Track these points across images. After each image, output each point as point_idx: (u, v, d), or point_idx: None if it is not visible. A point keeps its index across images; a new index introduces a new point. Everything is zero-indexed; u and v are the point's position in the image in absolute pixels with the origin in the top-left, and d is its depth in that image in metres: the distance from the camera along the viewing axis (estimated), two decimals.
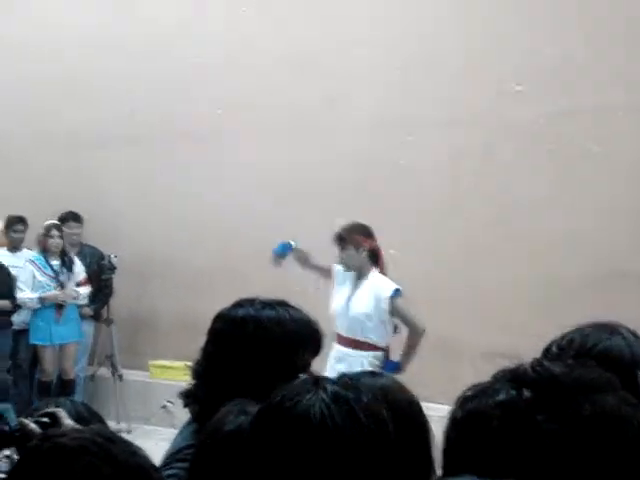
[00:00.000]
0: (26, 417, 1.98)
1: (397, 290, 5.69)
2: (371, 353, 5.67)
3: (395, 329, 5.82)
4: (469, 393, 1.15)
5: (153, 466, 1.45)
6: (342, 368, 5.17)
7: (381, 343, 5.71)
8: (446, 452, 1.15)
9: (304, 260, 6.09)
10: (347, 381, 1.47)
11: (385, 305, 5.67)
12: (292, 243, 6.08)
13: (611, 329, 2.09)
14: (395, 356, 5.84)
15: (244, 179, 8.14)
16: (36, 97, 8.99)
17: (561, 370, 1.14)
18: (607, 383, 1.12)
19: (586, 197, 6.90)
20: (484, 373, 1.31)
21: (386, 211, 7.47)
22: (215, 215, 8.27)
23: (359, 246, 5.70)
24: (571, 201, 6.96)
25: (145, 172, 8.61)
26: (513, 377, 1.13)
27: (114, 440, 1.42)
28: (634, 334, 2.11)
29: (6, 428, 1.94)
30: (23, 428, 1.89)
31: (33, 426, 1.91)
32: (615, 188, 6.81)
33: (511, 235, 7.13)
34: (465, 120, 7.29)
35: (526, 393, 1.09)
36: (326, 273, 5.98)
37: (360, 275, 5.77)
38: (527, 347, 2.13)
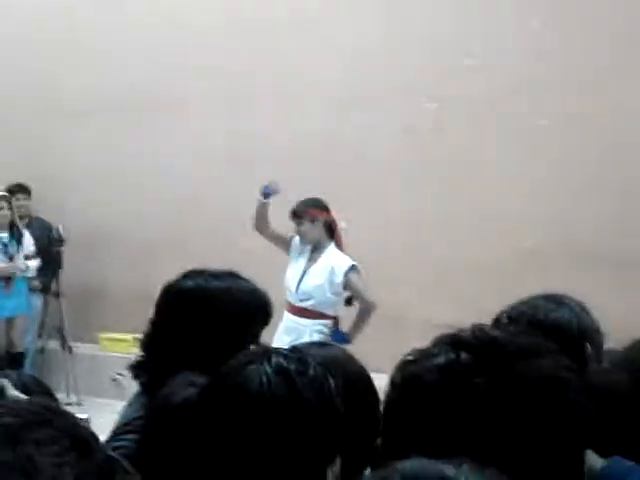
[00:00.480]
0: None
1: (353, 266, 5.78)
2: (321, 321, 5.76)
3: (349, 301, 5.88)
4: (409, 358, 1.16)
5: (94, 437, 1.44)
6: (290, 339, 5.29)
7: (331, 312, 5.80)
8: (385, 416, 1.16)
9: (265, 220, 5.98)
10: (293, 353, 1.48)
11: (339, 279, 5.75)
12: (270, 196, 5.97)
13: (558, 300, 2.12)
14: (345, 327, 5.89)
15: (198, 150, 8.09)
16: None
17: (500, 335, 1.15)
18: (545, 348, 1.13)
19: (539, 170, 6.97)
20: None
21: (338, 183, 7.48)
22: (167, 186, 8.20)
23: (314, 219, 5.77)
24: (524, 174, 7.02)
25: (96, 143, 8.51)
26: (452, 341, 1.14)
27: (56, 411, 1.40)
28: (580, 306, 2.15)
29: None
30: None
31: (13, 392, 1.86)
32: (567, 161, 6.88)
33: (463, 208, 7.18)
34: (418, 91, 7.30)
35: (464, 356, 1.10)
36: (282, 242, 6.00)
37: (316, 248, 5.85)
38: (478, 319, 2.14)
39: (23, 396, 1.83)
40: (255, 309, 2.35)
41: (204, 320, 2.26)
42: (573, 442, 1.08)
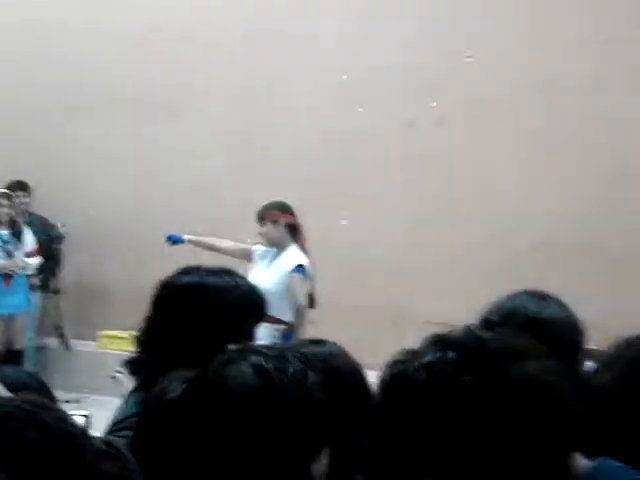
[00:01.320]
0: None
1: (300, 266, 5.75)
2: (273, 326, 5.55)
3: (311, 303, 5.85)
4: (399, 357, 1.16)
5: (84, 433, 1.45)
6: None
7: (284, 317, 5.66)
8: (375, 414, 1.17)
9: (208, 247, 6.25)
10: (273, 351, 1.49)
11: (286, 279, 5.71)
12: (184, 238, 6.42)
13: (543, 296, 2.12)
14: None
15: (199, 149, 8.10)
16: None
17: (489, 335, 1.15)
18: (533, 350, 1.14)
19: (539, 166, 6.97)
20: None
21: (338, 180, 7.50)
22: (167, 184, 8.22)
23: (276, 221, 5.83)
24: (524, 170, 7.03)
25: (98, 141, 8.52)
26: (440, 341, 1.14)
27: (44, 407, 1.40)
28: (562, 301, 2.15)
29: None
30: None
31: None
32: (568, 159, 6.88)
33: (464, 206, 7.19)
34: (418, 89, 7.31)
35: (451, 355, 1.11)
36: (241, 254, 6.02)
37: (279, 251, 5.87)
38: (478, 315, 2.15)
39: (6, 391, 1.82)
40: (250, 305, 2.36)
41: (199, 316, 2.26)
42: (557, 444, 1.08)
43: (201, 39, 8.08)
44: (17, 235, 7.86)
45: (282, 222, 5.85)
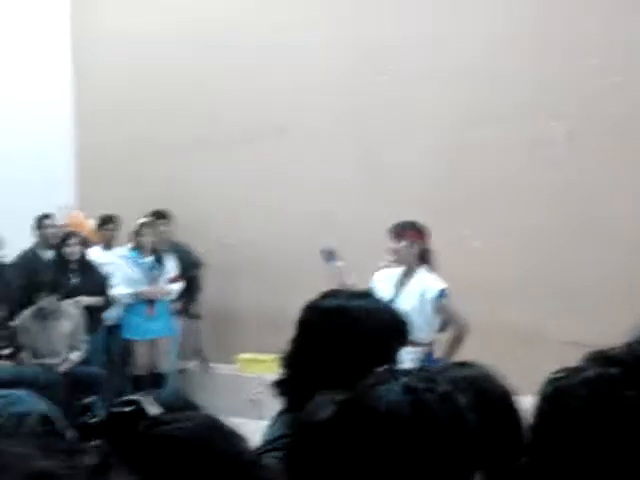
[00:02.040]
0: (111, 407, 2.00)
1: (443, 290, 5.64)
2: (414, 349, 5.52)
3: (444, 327, 5.75)
4: (560, 374, 1.16)
5: (256, 462, 1.50)
6: None
7: (425, 340, 5.58)
8: (535, 429, 1.16)
9: (339, 283, 5.84)
10: (423, 372, 1.50)
11: (430, 304, 5.62)
12: (338, 263, 6.07)
13: None
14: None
15: (331, 172, 8.19)
16: (131, 104, 9.23)
17: None
18: None
19: None
20: (568, 364, 1.31)
21: (468, 203, 7.44)
22: (301, 211, 8.33)
23: (413, 241, 5.70)
24: None
25: (232, 172, 8.74)
26: (602, 357, 1.13)
27: (219, 431, 1.46)
28: None
29: (92, 420, 1.99)
30: (112, 419, 1.92)
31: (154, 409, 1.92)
32: None
33: (602, 222, 7.02)
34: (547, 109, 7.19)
35: (613, 370, 1.09)
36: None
37: (407, 272, 5.73)
38: (615, 337, 2.10)
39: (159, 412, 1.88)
40: (393, 329, 2.36)
41: (345, 339, 2.28)
42: None
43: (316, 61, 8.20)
44: (160, 262, 8.11)
45: (418, 244, 5.73)
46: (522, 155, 7.32)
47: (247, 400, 7.76)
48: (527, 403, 1.29)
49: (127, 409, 1.92)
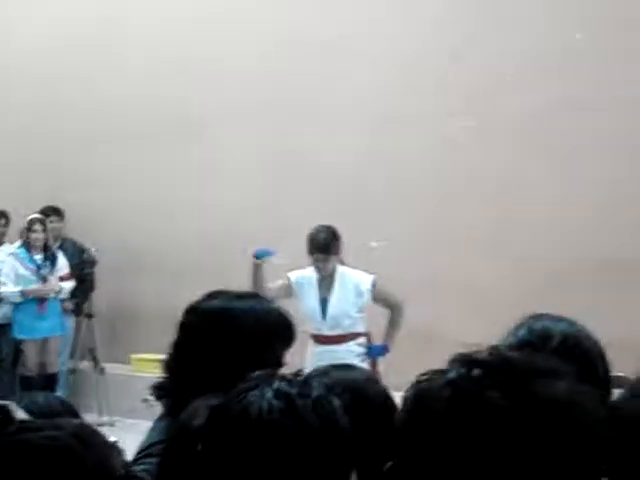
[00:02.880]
0: None
1: (374, 279, 5.77)
2: (355, 342, 5.73)
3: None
4: (423, 376, 1.14)
5: (123, 476, 1.44)
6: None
7: (362, 329, 5.79)
8: (399, 432, 1.14)
9: (258, 280, 5.75)
10: (296, 377, 1.47)
11: (368, 296, 5.73)
12: (271, 252, 5.87)
13: (567, 320, 2.08)
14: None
15: (229, 172, 8.12)
16: (20, 91, 8.96)
17: (516, 355, 1.13)
18: (563, 372, 1.10)
19: (583, 185, 6.90)
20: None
21: (374, 201, 7.49)
22: (198, 208, 8.25)
23: (338, 252, 5.74)
24: (566, 189, 6.96)
25: (128, 166, 8.58)
26: (466, 359, 1.12)
27: (89, 442, 1.40)
28: (586, 328, 2.10)
29: None
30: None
31: (21, 415, 1.85)
32: (615, 177, 6.80)
33: (494, 224, 7.14)
34: (458, 109, 7.28)
35: (476, 371, 1.08)
36: (283, 293, 5.71)
37: (327, 276, 5.76)
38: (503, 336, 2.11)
39: (28, 418, 1.81)
40: (279, 330, 2.32)
41: (227, 341, 2.23)
42: (586, 469, 1.05)
43: (229, 54, 8.12)
44: (51, 259, 7.92)
45: (340, 251, 5.75)
46: (435, 155, 7.39)
47: (140, 401, 7.63)
48: None
49: None
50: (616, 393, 1.76)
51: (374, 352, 5.73)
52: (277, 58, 7.94)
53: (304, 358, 5.51)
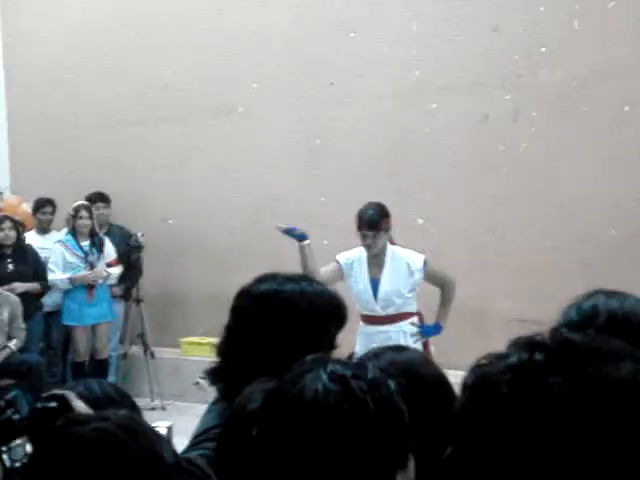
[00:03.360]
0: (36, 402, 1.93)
1: (425, 259, 5.68)
2: (407, 321, 5.66)
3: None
4: (482, 360, 1.11)
5: (172, 465, 1.44)
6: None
7: (413, 309, 5.72)
8: (457, 418, 1.12)
9: (309, 264, 5.61)
10: (350, 359, 1.46)
11: (419, 275, 5.63)
12: (306, 239, 5.70)
13: (619, 294, 2.04)
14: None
15: (275, 156, 8.12)
16: (63, 81, 9.03)
17: (578, 337, 1.10)
18: (626, 353, 1.07)
19: (620, 160, 6.79)
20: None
21: (414, 179, 7.44)
22: (246, 192, 8.25)
23: (387, 229, 5.63)
24: (604, 165, 6.86)
25: (173, 150, 8.62)
26: (527, 343, 1.09)
27: (137, 433, 1.40)
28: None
29: (16, 417, 1.90)
30: (35, 415, 1.84)
31: (79, 404, 1.85)
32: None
33: (543, 201, 7.05)
34: (492, 83, 7.20)
35: (538, 356, 1.06)
36: (334, 277, 5.61)
37: (376, 254, 5.65)
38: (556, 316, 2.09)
39: (86, 408, 1.82)
40: (330, 312, 2.30)
41: (280, 323, 2.22)
42: None
43: (263, 44, 8.10)
44: (97, 246, 7.98)
45: (390, 228, 5.64)
46: (470, 130, 7.33)
47: (191, 384, 7.70)
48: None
49: (51, 405, 1.85)
50: None
51: (428, 331, 5.65)
52: (309, 44, 7.90)
53: (355, 339, 5.51)
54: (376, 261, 5.66)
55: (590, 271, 6.47)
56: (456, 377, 1.95)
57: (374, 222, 5.54)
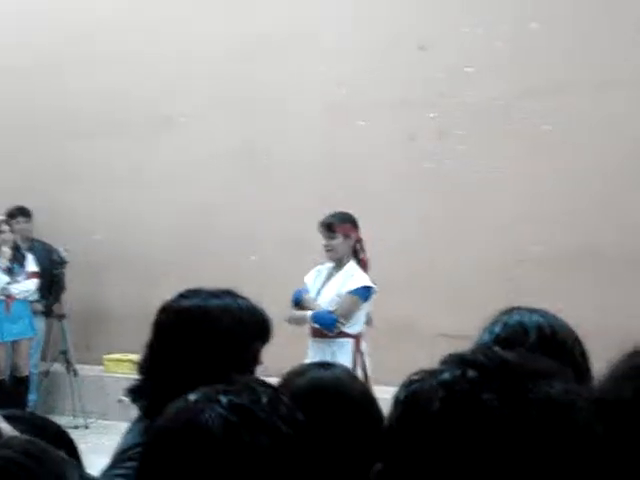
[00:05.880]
0: None
1: (366, 288, 5.52)
2: (337, 340, 5.51)
3: (368, 321, 5.70)
4: (415, 376, 1.10)
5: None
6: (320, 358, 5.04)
7: (350, 330, 5.55)
8: (388, 434, 1.10)
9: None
10: (240, 386, 1.44)
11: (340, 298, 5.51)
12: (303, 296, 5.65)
13: (541, 311, 2.07)
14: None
15: (199, 172, 8.06)
16: None
17: (510, 355, 1.10)
18: (557, 372, 1.08)
19: (546, 175, 6.91)
20: (440, 356, 1.26)
21: (343, 196, 7.45)
22: (168, 207, 8.18)
23: (348, 236, 5.59)
24: (530, 181, 6.97)
25: (98, 165, 8.50)
26: (460, 359, 1.08)
27: (41, 459, 1.34)
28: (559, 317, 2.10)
29: None
30: None
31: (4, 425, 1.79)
32: (576, 165, 6.81)
33: (470, 217, 7.13)
34: (418, 102, 7.27)
35: (471, 373, 1.05)
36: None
37: (337, 266, 5.62)
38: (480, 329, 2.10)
39: (12, 429, 1.76)
40: (255, 327, 2.27)
41: (202, 340, 2.18)
42: (582, 470, 1.02)
43: (198, 53, 8.06)
44: (19, 260, 7.82)
45: (353, 238, 5.60)
46: (399, 149, 7.37)
47: (115, 402, 7.56)
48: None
49: None
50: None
51: (320, 317, 5.47)
52: (246, 55, 7.88)
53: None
54: (333, 272, 5.60)
55: (518, 288, 6.55)
56: (381, 392, 1.94)
57: (329, 224, 5.55)
